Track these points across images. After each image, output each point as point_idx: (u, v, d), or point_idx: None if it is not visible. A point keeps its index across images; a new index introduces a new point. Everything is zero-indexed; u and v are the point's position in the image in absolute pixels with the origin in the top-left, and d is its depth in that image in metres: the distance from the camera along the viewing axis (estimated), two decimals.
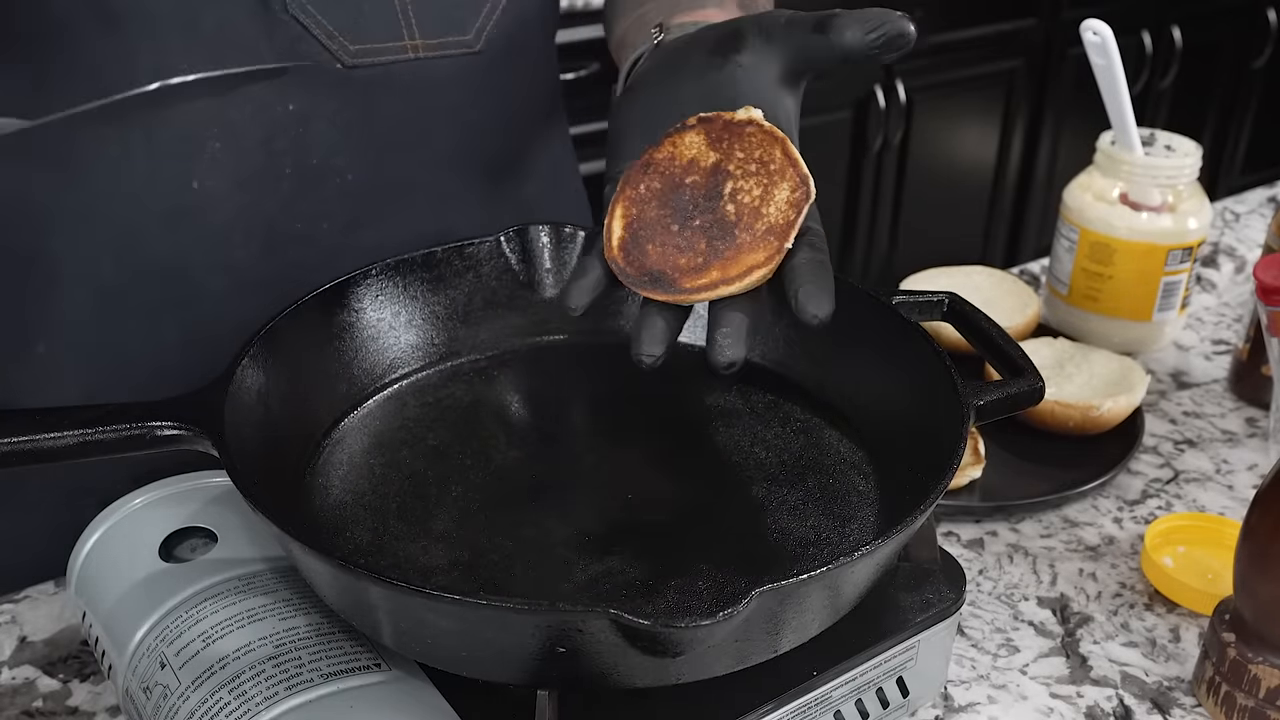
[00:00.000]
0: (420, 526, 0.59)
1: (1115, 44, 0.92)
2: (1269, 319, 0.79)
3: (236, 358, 0.59)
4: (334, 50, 0.70)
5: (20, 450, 0.52)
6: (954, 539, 0.78)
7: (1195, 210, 0.95)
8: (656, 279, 0.56)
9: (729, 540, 0.58)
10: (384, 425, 0.66)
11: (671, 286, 0.56)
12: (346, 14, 0.70)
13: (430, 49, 0.73)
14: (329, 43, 0.70)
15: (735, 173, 0.57)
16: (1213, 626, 0.64)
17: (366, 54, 0.71)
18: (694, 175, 0.58)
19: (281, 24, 0.68)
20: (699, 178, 0.58)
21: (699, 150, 0.58)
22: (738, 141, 0.58)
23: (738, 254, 0.56)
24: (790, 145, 0.57)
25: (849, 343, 0.67)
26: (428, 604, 0.47)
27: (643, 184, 0.58)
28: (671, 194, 0.58)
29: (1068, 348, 0.93)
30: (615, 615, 0.44)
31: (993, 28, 2.47)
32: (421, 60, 0.73)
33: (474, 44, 0.75)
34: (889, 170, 2.44)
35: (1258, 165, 3.03)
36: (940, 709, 0.65)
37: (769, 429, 0.66)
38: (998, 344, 0.63)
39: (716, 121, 0.58)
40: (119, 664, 0.57)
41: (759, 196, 0.57)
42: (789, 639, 0.52)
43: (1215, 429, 0.90)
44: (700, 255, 0.56)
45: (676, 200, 0.58)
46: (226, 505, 0.63)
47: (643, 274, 0.57)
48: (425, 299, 0.70)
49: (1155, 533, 0.75)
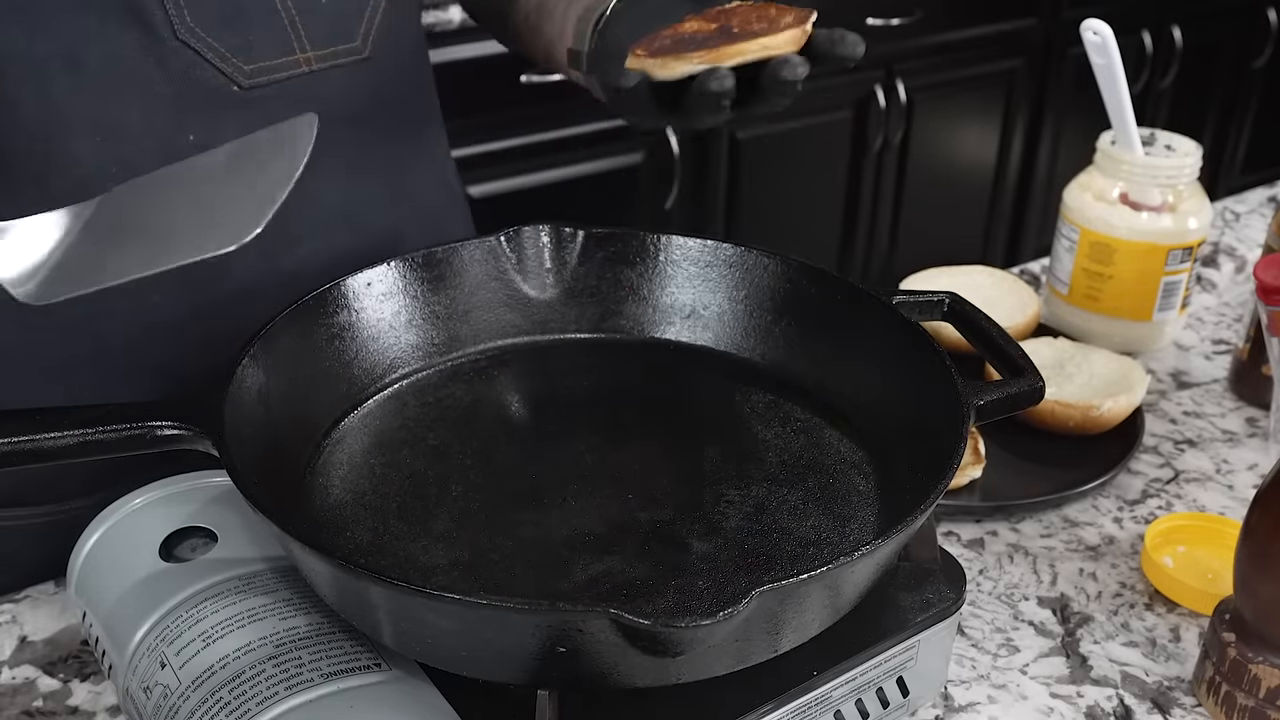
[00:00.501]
0: (420, 526, 0.59)
1: (1115, 44, 0.92)
2: (1269, 319, 0.79)
3: (236, 358, 0.59)
4: (229, 72, 0.69)
5: (20, 450, 0.52)
6: (954, 539, 0.78)
7: (1195, 210, 0.95)
8: (699, 42, 0.59)
9: (729, 540, 0.58)
10: (384, 425, 0.66)
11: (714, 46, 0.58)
12: (236, 34, 0.69)
13: (322, 60, 0.72)
14: (223, 65, 0.68)
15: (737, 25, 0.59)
16: (1213, 626, 0.64)
17: (261, 72, 0.70)
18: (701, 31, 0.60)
19: (172, 51, 0.67)
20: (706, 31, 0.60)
21: (700, 26, 0.61)
22: (734, 14, 0.60)
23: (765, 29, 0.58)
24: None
25: (849, 342, 0.67)
26: (428, 604, 0.47)
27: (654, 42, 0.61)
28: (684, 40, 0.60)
29: (1068, 348, 0.93)
30: (615, 615, 0.44)
31: (993, 28, 2.47)
32: (315, 73, 0.72)
33: (362, 49, 0.74)
34: (889, 170, 2.44)
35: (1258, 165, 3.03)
36: (940, 709, 0.65)
37: (769, 429, 0.66)
38: (998, 344, 0.63)
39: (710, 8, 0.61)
40: (119, 664, 0.57)
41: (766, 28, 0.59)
42: (789, 639, 0.52)
43: (1215, 429, 0.90)
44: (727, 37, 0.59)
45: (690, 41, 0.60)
46: (226, 505, 0.63)
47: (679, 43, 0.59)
48: (425, 299, 0.70)
49: (1155, 533, 0.75)
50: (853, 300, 0.67)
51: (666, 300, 0.72)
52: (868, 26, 2.29)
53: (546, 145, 1.90)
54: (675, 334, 0.73)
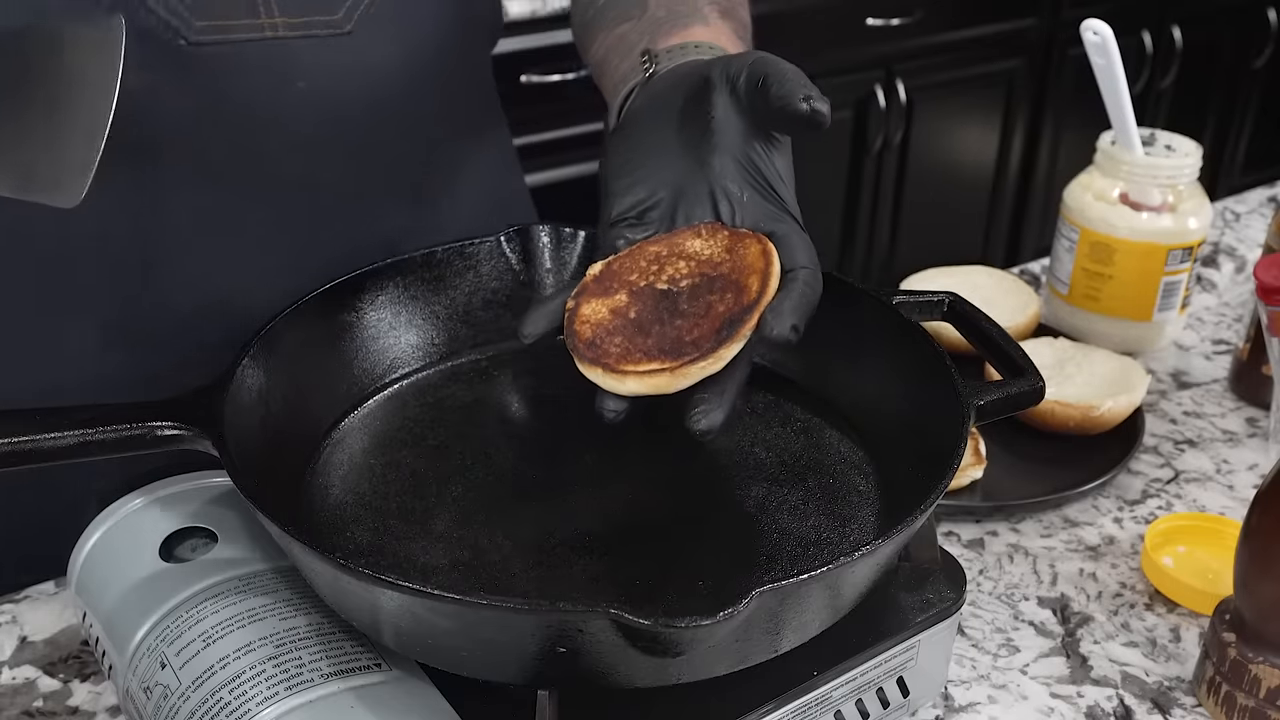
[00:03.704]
0: (420, 526, 0.59)
1: (1115, 44, 0.92)
2: (1269, 319, 0.79)
3: (236, 358, 0.59)
4: (175, 25, 0.63)
5: (20, 450, 0.52)
6: (954, 539, 0.78)
7: (1195, 210, 0.95)
8: (599, 356, 0.57)
9: (729, 540, 0.58)
10: (384, 425, 0.66)
11: (610, 369, 0.56)
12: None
13: (292, 28, 0.67)
14: (169, 16, 0.63)
15: (712, 282, 0.58)
16: (1213, 626, 0.64)
17: (214, 30, 0.65)
18: (681, 273, 0.59)
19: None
20: (684, 277, 0.59)
21: (697, 249, 0.60)
22: (735, 250, 0.59)
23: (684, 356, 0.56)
24: (774, 260, 0.58)
25: (849, 342, 0.67)
26: (428, 604, 0.47)
27: (631, 273, 0.60)
28: (653, 293, 0.59)
29: (1068, 348, 0.93)
30: (615, 615, 0.44)
31: (993, 28, 2.47)
32: (281, 40, 0.67)
33: (343, 24, 0.69)
34: (889, 170, 2.44)
35: (1258, 165, 3.03)
36: (940, 709, 0.65)
37: (769, 429, 0.66)
38: (998, 344, 0.63)
39: (720, 231, 0.60)
40: (119, 664, 0.57)
41: (725, 305, 0.57)
42: (789, 639, 0.52)
43: (1215, 429, 0.90)
44: (649, 349, 0.57)
45: (655, 296, 0.59)
46: (226, 505, 0.63)
47: (586, 345, 0.58)
48: (425, 299, 0.70)
49: (1155, 533, 0.75)
50: (853, 300, 0.67)
51: None
52: (868, 26, 2.29)
53: (547, 145, 1.90)
54: None
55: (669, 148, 0.61)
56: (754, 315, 0.56)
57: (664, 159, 0.61)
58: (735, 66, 0.59)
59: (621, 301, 0.59)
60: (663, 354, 0.56)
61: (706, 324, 0.57)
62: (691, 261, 0.60)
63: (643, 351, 0.57)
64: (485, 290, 0.71)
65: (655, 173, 0.62)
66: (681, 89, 0.62)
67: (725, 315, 0.57)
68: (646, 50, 0.67)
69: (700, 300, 0.58)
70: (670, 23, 0.70)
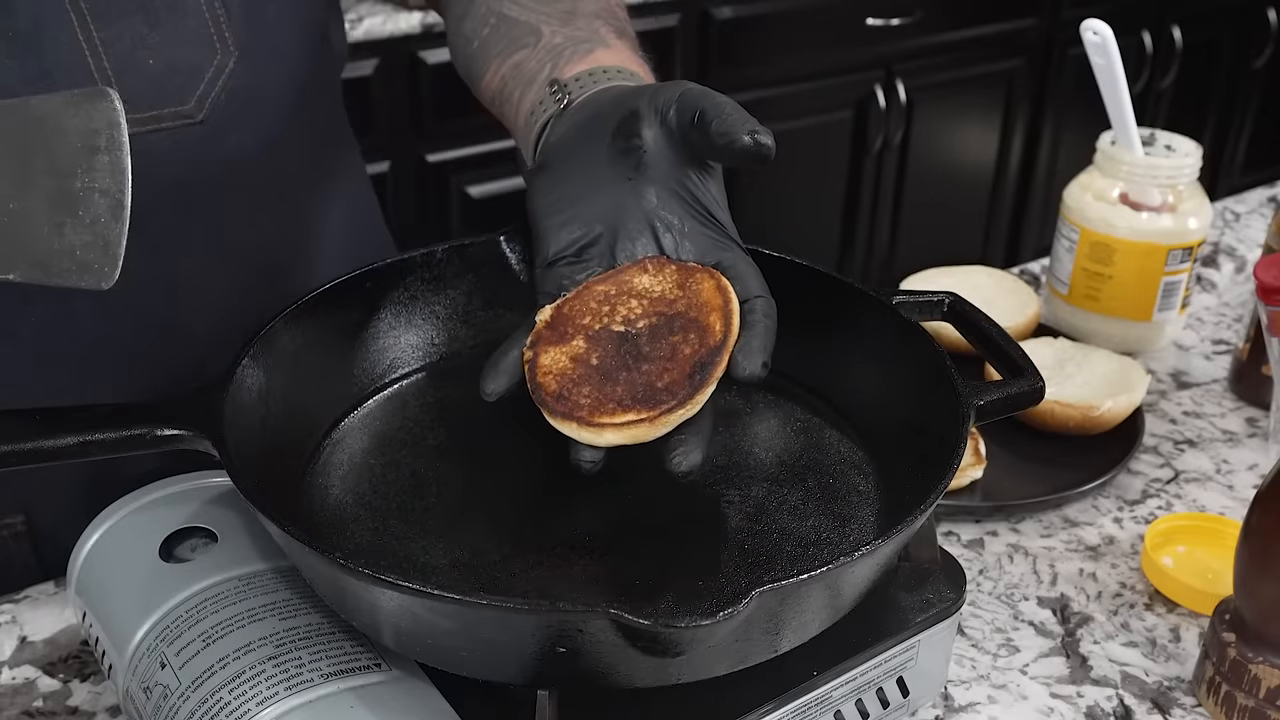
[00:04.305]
0: (420, 526, 0.59)
1: (1115, 44, 0.92)
2: (1269, 319, 0.79)
3: (236, 358, 0.59)
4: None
5: (20, 450, 0.52)
6: (954, 539, 0.78)
7: (1195, 210, 0.95)
8: (571, 410, 0.56)
9: (729, 540, 0.58)
10: (384, 425, 0.66)
11: (585, 422, 0.55)
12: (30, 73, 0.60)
13: (139, 123, 0.64)
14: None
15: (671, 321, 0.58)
16: (1213, 626, 0.64)
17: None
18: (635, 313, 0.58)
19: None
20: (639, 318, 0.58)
21: (647, 285, 0.59)
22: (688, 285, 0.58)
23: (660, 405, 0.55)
24: (732, 296, 0.57)
25: (849, 343, 0.67)
26: (428, 604, 0.47)
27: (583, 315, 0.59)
28: (610, 335, 0.58)
29: (1068, 348, 0.93)
30: (615, 615, 0.44)
31: (993, 28, 2.47)
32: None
33: (195, 113, 0.67)
34: (889, 170, 2.44)
35: (1258, 165, 3.03)
36: (940, 709, 0.65)
37: (769, 429, 0.66)
38: (998, 344, 0.63)
39: (667, 266, 0.59)
40: (119, 664, 0.57)
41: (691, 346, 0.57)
42: (789, 639, 0.52)
43: (1215, 429, 0.90)
44: (620, 399, 0.56)
45: (613, 339, 0.58)
46: (226, 505, 0.63)
47: (555, 398, 0.56)
48: (425, 299, 0.70)
49: (1155, 533, 0.75)
50: (853, 300, 0.67)
51: None
52: (868, 26, 2.29)
53: None
54: None
55: (600, 182, 0.60)
56: (724, 357, 0.56)
57: (596, 193, 0.60)
58: (663, 99, 0.59)
59: (580, 348, 0.58)
60: (637, 403, 0.55)
61: (675, 368, 0.56)
62: (644, 300, 0.59)
63: (615, 401, 0.56)
64: (485, 290, 0.71)
65: (589, 209, 0.61)
66: (608, 121, 0.61)
67: (694, 358, 0.56)
68: (555, 80, 0.66)
69: (663, 342, 0.57)
70: (571, 49, 0.68)
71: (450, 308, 0.71)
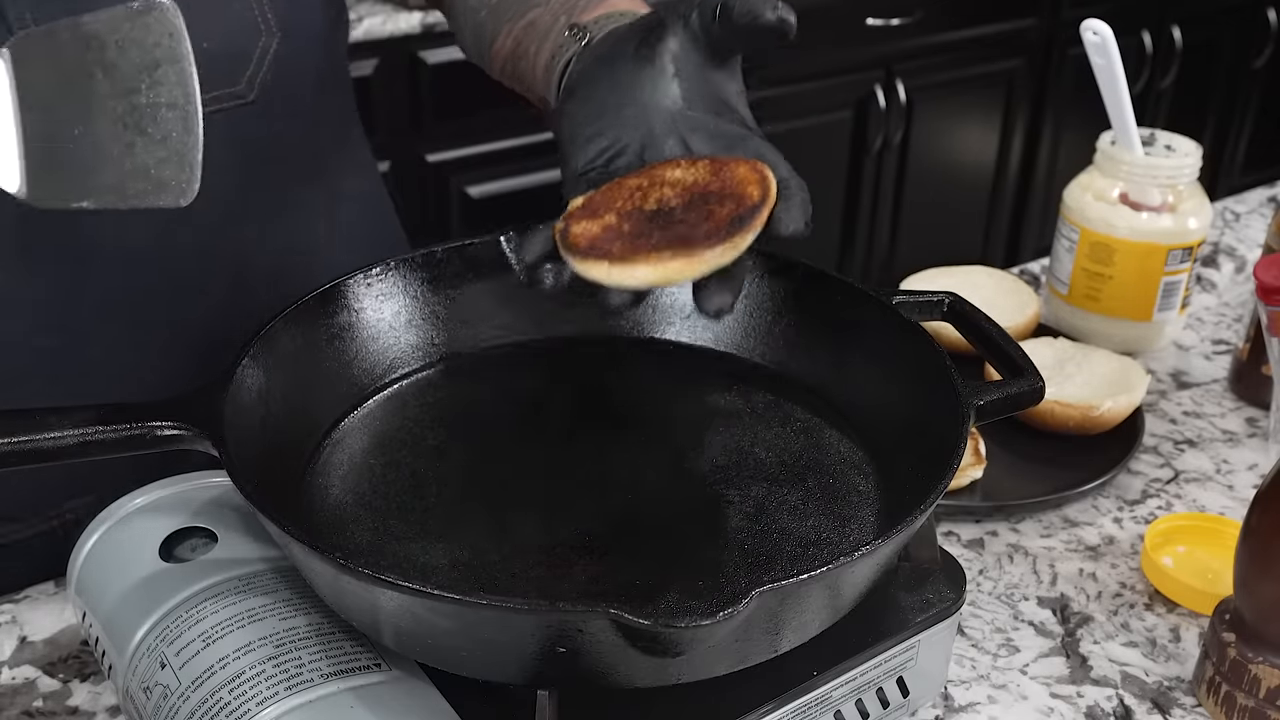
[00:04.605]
0: (420, 526, 0.59)
1: (1115, 44, 0.92)
2: (1269, 319, 0.79)
3: (236, 358, 0.59)
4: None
5: (20, 450, 0.52)
6: (954, 539, 0.78)
7: (1195, 210, 0.95)
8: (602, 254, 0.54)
9: (729, 540, 0.58)
10: (384, 425, 0.66)
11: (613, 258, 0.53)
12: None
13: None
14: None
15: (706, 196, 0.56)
16: (1213, 626, 0.64)
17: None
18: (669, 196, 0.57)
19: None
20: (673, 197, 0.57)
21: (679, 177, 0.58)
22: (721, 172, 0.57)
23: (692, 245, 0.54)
24: (767, 172, 0.56)
25: (849, 342, 0.67)
26: (428, 604, 0.47)
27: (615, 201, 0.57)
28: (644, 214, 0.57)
29: (1068, 348, 0.93)
30: (615, 615, 0.44)
31: (993, 28, 2.47)
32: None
33: (247, 94, 0.70)
34: (889, 170, 2.44)
35: (1258, 165, 3.03)
36: (940, 709, 0.65)
37: (769, 429, 0.66)
38: (998, 344, 0.63)
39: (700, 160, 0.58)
40: (119, 664, 0.57)
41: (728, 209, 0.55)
42: (789, 639, 0.52)
43: (1215, 429, 0.90)
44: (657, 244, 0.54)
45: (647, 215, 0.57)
46: (226, 505, 0.63)
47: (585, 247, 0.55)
48: (425, 299, 0.70)
49: (1155, 533, 0.75)
50: (853, 300, 0.67)
51: (666, 300, 0.72)
52: (868, 26, 2.29)
53: (546, 145, 1.90)
54: (675, 334, 0.73)
55: (626, 96, 0.60)
56: (764, 212, 0.54)
57: (624, 107, 0.60)
58: (685, 4, 0.59)
59: (612, 221, 0.56)
60: (672, 245, 0.54)
61: (712, 224, 0.54)
62: (677, 187, 0.57)
63: (651, 247, 0.54)
64: (485, 290, 0.71)
65: (616, 122, 0.60)
66: (630, 40, 0.61)
67: (731, 214, 0.54)
68: (574, 24, 0.67)
69: (698, 210, 0.56)
70: (585, 0, 0.69)
71: (450, 308, 0.71)
